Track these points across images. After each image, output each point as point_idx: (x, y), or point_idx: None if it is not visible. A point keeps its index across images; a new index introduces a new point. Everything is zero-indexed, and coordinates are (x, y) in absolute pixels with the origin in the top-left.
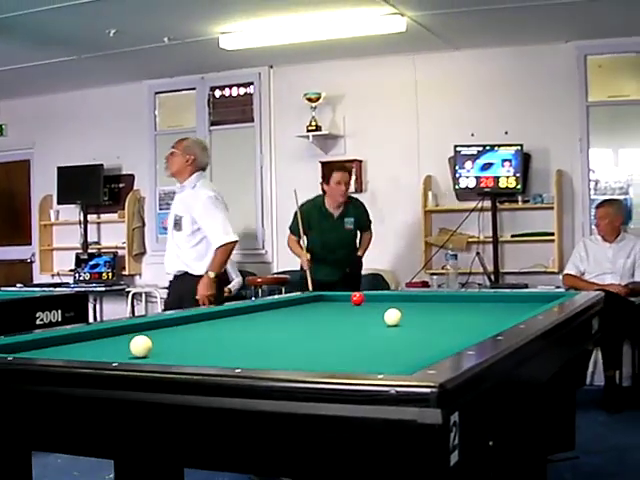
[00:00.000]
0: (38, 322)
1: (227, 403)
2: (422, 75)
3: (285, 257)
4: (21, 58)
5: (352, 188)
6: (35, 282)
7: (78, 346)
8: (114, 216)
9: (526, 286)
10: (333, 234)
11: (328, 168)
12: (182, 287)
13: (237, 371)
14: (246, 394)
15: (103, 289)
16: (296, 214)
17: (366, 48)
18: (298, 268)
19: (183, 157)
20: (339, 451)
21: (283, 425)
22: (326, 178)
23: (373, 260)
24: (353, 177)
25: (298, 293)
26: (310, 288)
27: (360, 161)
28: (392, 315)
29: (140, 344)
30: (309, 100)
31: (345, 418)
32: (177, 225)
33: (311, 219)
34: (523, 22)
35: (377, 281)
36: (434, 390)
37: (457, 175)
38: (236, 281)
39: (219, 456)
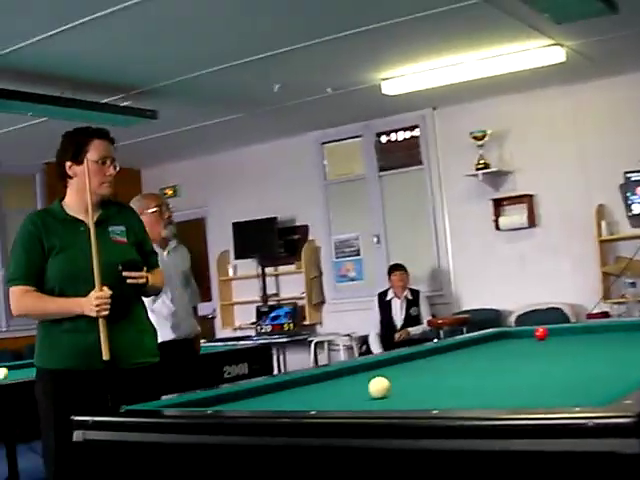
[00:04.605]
0: (226, 376)
1: (426, 444)
2: (585, 104)
3: (466, 297)
4: (190, 120)
5: (525, 222)
6: (218, 337)
7: (271, 397)
8: (291, 267)
9: None
10: (102, 252)
11: (79, 137)
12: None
13: (434, 412)
14: (444, 434)
15: (285, 340)
16: (21, 239)
17: (527, 81)
18: (476, 307)
19: None
20: None
21: (483, 463)
22: (76, 152)
23: (550, 294)
24: (524, 212)
25: (481, 332)
26: (105, 357)
27: (531, 196)
28: None
29: (379, 385)
30: (475, 138)
31: (542, 453)
32: (187, 281)
33: (50, 233)
34: None
35: (556, 315)
36: (633, 420)
37: (629, 202)
38: (422, 326)
39: None
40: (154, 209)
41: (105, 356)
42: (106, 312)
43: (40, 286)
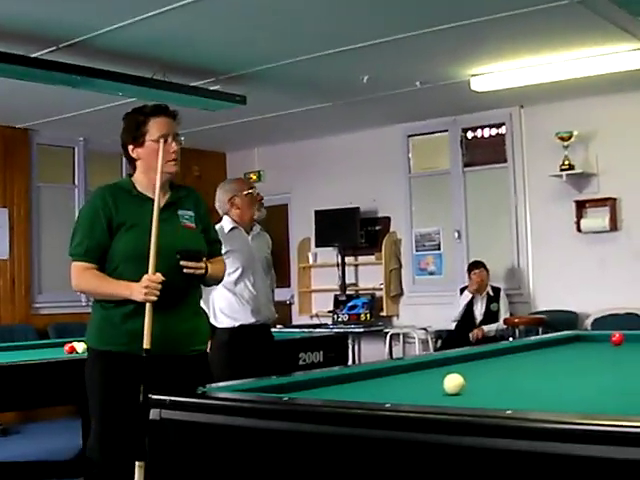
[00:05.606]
0: (301, 362)
1: (498, 444)
2: None
3: (543, 297)
4: (278, 106)
5: (607, 226)
6: (294, 323)
7: (346, 387)
8: (371, 258)
9: None
10: (167, 235)
11: (137, 117)
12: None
13: (508, 412)
14: (517, 435)
15: (361, 330)
16: (86, 213)
17: (616, 84)
18: (553, 307)
19: None
20: None
21: (552, 466)
22: (136, 131)
23: (629, 299)
24: (606, 215)
25: (556, 333)
26: (146, 345)
27: (614, 199)
28: None
29: (455, 382)
30: (561, 139)
31: (614, 460)
32: (269, 267)
33: (120, 209)
34: None
35: (634, 320)
36: None
37: None
38: (497, 324)
39: None
40: (248, 191)
41: (146, 344)
42: (153, 298)
43: (102, 264)
